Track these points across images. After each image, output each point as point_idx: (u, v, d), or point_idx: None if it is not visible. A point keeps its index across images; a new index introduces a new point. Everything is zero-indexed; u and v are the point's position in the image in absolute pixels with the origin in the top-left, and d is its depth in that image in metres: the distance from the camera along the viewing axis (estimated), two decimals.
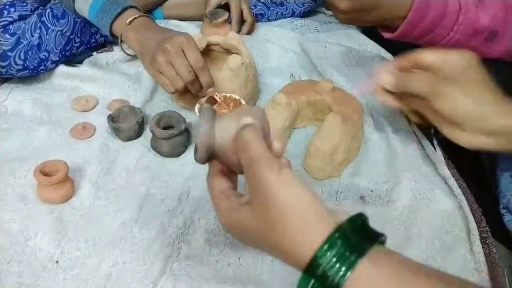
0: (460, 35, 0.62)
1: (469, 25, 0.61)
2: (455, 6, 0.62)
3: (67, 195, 0.60)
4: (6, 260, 0.53)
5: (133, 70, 0.88)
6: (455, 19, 0.61)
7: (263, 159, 0.37)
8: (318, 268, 0.33)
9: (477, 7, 0.61)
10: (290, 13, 1.04)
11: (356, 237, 0.34)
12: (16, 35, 0.76)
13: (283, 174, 0.36)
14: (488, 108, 0.52)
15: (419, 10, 0.62)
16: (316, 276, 0.33)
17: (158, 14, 1.00)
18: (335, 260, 0.33)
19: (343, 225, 0.35)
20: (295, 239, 0.35)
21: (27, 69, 0.79)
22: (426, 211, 0.60)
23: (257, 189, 0.37)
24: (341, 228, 0.34)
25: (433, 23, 0.62)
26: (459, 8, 0.62)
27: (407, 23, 0.63)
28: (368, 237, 0.35)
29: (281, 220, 0.35)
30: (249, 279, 0.52)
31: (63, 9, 0.81)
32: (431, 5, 0.61)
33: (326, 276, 0.33)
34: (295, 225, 0.35)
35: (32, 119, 0.74)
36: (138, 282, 0.51)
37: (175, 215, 0.59)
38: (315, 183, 0.65)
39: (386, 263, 0.33)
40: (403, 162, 0.66)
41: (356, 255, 0.33)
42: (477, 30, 0.62)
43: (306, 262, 0.34)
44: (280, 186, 0.36)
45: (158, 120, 0.68)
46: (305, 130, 0.74)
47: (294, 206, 0.35)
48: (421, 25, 0.62)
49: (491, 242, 0.57)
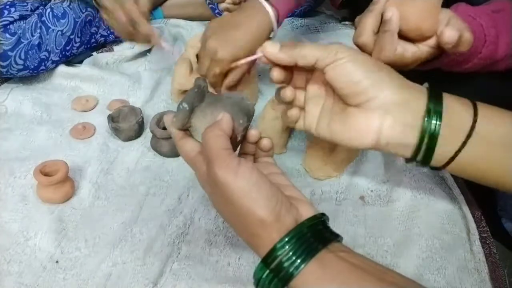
0: (477, 66, 0.57)
1: (489, 57, 0.56)
2: (480, 39, 0.55)
3: (67, 195, 0.60)
4: (6, 260, 0.53)
5: (133, 70, 0.88)
6: (478, 53, 0.56)
7: (220, 158, 0.38)
8: (275, 260, 0.36)
9: (498, 37, 0.55)
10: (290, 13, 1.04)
11: (314, 236, 0.37)
12: (16, 34, 0.77)
13: (239, 176, 0.37)
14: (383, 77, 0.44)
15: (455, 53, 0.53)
16: (271, 268, 0.36)
17: (158, 13, 1.00)
18: (292, 254, 0.35)
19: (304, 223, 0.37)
20: (253, 236, 0.38)
21: (28, 69, 0.79)
22: (426, 211, 0.60)
23: (217, 186, 0.38)
24: (297, 228, 0.37)
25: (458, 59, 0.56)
26: (484, 41, 0.55)
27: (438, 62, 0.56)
28: (325, 236, 0.37)
29: (242, 218, 0.38)
30: (249, 279, 0.52)
31: (63, 9, 0.81)
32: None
33: (282, 267, 0.36)
34: (253, 225, 0.37)
35: (32, 119, 0.74)
36: (138, 282, 0.51)
37: (175, 215, 0.59)
38: (315, 183, 0.65)
39: (333, 263, 0.36)
40: (403, 162, 0.66)
41: (310, 251, 0.35)
42: (494, 59, 0.57)
43: (263, 255, 0.37)
44: (237, 187, 0.37)
45: (158, 120, 0.68)
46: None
47: (250, 208, 0.37)
48: (451, 62, 0.56)
49: (491, 242, 0.57)
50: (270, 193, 0.38)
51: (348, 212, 0.60)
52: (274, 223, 0.37)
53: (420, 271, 0.53)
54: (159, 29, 0.95)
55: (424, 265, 0.54)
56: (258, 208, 0.37)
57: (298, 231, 0.37)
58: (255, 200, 0.37)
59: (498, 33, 0.56)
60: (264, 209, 0.37)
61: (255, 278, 0.37)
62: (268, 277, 0.36)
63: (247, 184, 0.37)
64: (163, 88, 0.83)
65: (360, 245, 0.56)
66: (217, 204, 0.41)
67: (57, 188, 0.59)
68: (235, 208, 0.38)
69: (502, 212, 0.65)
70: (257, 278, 0.37)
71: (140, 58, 0.91)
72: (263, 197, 0.37)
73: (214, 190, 0.40)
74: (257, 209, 0.37)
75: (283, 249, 0.36)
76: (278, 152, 0.70)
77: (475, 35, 0.52)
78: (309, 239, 0.36)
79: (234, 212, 0.38)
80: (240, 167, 0.38)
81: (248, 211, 0.37)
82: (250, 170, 0.38)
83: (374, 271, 0.36)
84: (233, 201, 0.38)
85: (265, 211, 0.37)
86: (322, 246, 0.36)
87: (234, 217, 0.39)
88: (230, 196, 0.38)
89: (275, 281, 0.36)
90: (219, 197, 0.39)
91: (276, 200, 0.38)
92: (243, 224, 0.38)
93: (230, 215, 0.39)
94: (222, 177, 0.38)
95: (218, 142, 0.39)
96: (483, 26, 0.55)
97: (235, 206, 0.38)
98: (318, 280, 0.35)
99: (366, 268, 0.36)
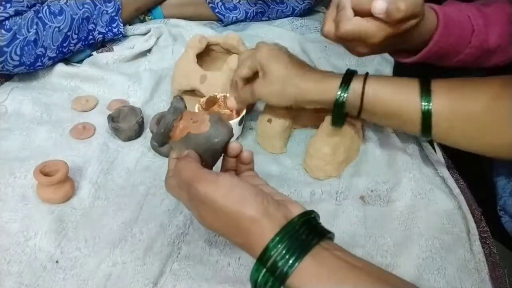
0: (469, 57, 0.59)
1: (479, 47, 0.58)
2: (468, 29, 0.58)
3: (67, 195, 0.60)
4: (6, 260, 0.53)
5: (133, 70, 0.88)
6: (467, 43, 0.58)
7: (198, 176, 0.40)
8: (269, 259, 0.36)
9: (487, 26, 0.58)
10: (290, 11, 1.04)
11: (305, 232, 0.37)
12: (12, 30, 0.76)
13: (219, 184, 0.39)
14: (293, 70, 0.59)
15: (441, 39, 0.57)
16: (267, 267, 0.36)
17: (158, 13, 1.00)
18: (285, 252, 0.36)
19: (294, 220, 0.38)
20: (246, 237, 0.38)
21: (24, 65, 0.79)
22: (426, 211, 0.60)
23: (201, 201, 0.39)
24: (288, 226, 0.37)
25: (448, 49, 0.59)
26: (472, 30, 0.58)
27: (426, 52, 0.58)
28: (316, 232, 0.38)
29: (232, 222, 0.38)
30: (249, 279, 0.52)
31: (60, 6, 0.81)
32: (450, 33, 0.57)
33: (276, 266, 0.36)
34: (245, 224, 0.38)
35: (32, 119, 0.74)
36: (138, 282, 0.51)
37: (175, 215, 0.59)
38: (315, 183, 0.65)
39: (329, 261, 0.36)
40: (403, 162, 0.66)
41: (303, 249, 0.36)
42: (485, 50, 0.59)
43: (258, 254, 0.37)
44: (221, 195, 0.38)
45: (158, 120, 0.68)
46: (305, 130, 0.74)
47: (238, 209, 0.38)
48: (438, 53, 0.59)
49: (491, 242, 0.57)
50: (254, 191, 0.39)
51: (348, 212, 0.60)
52: (263, 218, 0.37)
53: (420, 271, 0.53)
54: (159, 29, 0.95)
55: (424, 265, 0.54)
56: (245, 206, 0.37)
57: (290, 228, 0.37)
58: (241, 200, 0.38)
59: (487, 24, 0.58)
60: (251, 206, 0.37)
61: (251, 280, 0.38)
62: (264, 278, 0.36)
63: (228, 188, 0.38)
64: (163, 88, 0.83)
65: (360, 245, 0.56)
66: (207, 222, 0.41)
67: (57, 188, 0.59)
68: (223, 215, 0.38)
69: (502, 212, 0.65)
70: (253, 280, 0.37)
71: (140, 58, 0.91)
72: (248, 195, 0.38)
73: (200, 208, 0.40)
74: (244, 208, 0.37)
75: (276, 249, 0.36)
76: (278, 152, 0.70)
77: (462, 25, 0.57)
78: (301, 236, 0.37)
79: (224, 219, 0.39)
80: (219, 177, 0.39)
81: (236, 213, 0.38)
82: (230, 177, 0.40)
83: (371, 271, 0.36)
84: (220, 210, 0.38)
85: (253, 208, 0.37)
86: (315, 242, 0.36)
87: (225, 225, 0.39)
88: (216, 205, 0.38)
89: (271, 280, 0.36)
90: (207, 212, 0.40)
91: (261, 198, 0.38)
92: (234, 228, 0.38)
93: (221, 224, 0.40)
94: (203, 190, 0.39)
95: (191, 166, 0.41)
96: (470, 16, 0.58)
97: (223, 213, 0.38)
98: (314, 278, 0.35)
99: (362, 267, 0.36)
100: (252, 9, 1.02)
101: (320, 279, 0.35)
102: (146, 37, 0.93)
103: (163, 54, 0.91)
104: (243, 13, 1.02)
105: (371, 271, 0.36)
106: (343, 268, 0.35)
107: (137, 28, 0.95)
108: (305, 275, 0.35)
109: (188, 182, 0.40)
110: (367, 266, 0.36)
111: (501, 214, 0.66)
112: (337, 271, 0.35)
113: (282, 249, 0.36)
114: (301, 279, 0.35)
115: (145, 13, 1.00)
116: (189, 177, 0.40)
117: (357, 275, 0.35)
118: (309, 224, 0.38)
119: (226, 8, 1.01)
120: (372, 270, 0.36)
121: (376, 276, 0.35)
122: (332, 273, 0.35)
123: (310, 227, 0.38)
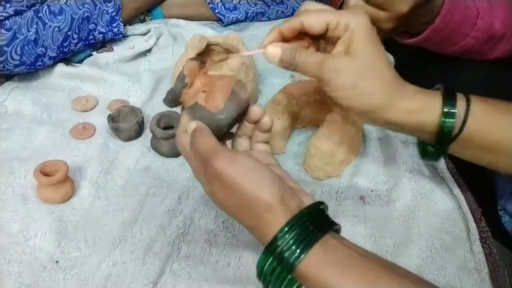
0: (475, 40, 0.59)
1: (485, 30, 0.58)
2: (473, 9, 0.58)
3: (67, 195, 0.60)
4: (6, 260, 0.53)
5: (133, 70, 0.88)
6: (473, 25, 0.58)
7: (215, 153, 0.38)
8: (277, 249, 0.36)
9: (492, 11, 0.58)
10: (290, 11, 1.04)
11: (313, 223, 0.37)
12: (12, 30, 0.76)
13: (238, 163, 0.37)
14: (385, 87, 0.44)
15: (447, 16, 0.56)
16: (274, 256, 0.36)
17: (158, 13, 1.00)
18: (292, 243, 0.35)
19: (303, 211, 0.37)
20: (257, 222, 0.37)
21: (24, 65, 0.79)
22: (426, 211, 0.60)
23: (217, 180, 0.38)
24: (297, 216, 0.37)
25: (454, 29, 0.58)
26: (477, 12, 0.58)
27: (432, 30, 0.57)
28: (324, 224, 0.38)
29: (246, 206, 0.37)
30: (249, 279, 0.52)
31: (60, 6, 0.81)
32: (456, 11, 0.57)
33: (283, 257, 0.35)
34: (259, 209, 0.37)
35: (32, 119, 0.74)
36: (138, 282, 0.51)
37: (175, 215, 0.59)
38: (315, 183, 0.65)
39: (337, 248, 0.36)
40: (403, 162, 0.66)
41: (310, 240, 0.35)
42: (491, 35, 0.59)
43: (267, 242, 0.37)
44: (240, 175, 0.37)
45: (158, 120, 0.68)
46: (305, 130, 0.74)
47: (254, 191, 0.37)
48: (444, 31, 0.58)
49: (492, 242, 0.57)
50: (271, 177, 0.37)
51: (348, 212, 0.60)
52: (279, 206, 0.36)
53: (420, 271, 0.53)
54: (159, 29, 0.95)
55: (424, 265, 0.54)
56: (262, 191, 0.36)
57: (299, 218, 0.36)
58: (258, 183, 0.37)
59: (492, 9, 0.58)
60: (268, 191, 0.36)
61: (258, 268, 0.37)
62: (271, 266, 0.36)
63: (247, 169, 0.37)
64: (163, 88, 0.83)
65: (360, 245, 0.55)
66: (219, 199, 0.40)
67: (57, 188, 0.59)
68: (238, 195, 0.37)
69: (502, 212, 0.65)
70: (260, 267, 0.37)
71: (140, 58, 0.91)
72: (266, 180, 0.37)
73: (214, 185, 0.39)
74: (261, 192, 0.36)
75: (284, 238, 0.36)
76: (278, 152, 0.70)
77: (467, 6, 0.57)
78: (309, 227, 0.36)
79: (239, 201, 0.37)
80: (237, 155, 0.38)
81: (252, 196, 0.36)
82: (248, 157, 0.38)
83: (377, 259, 0.36)
84: (235, 190, 0.37)
85: (270, 193, 0.36)
86: (322, 233, 0.36)
87: (237, 205, 0.38)
88: (232, 184, 0.37)
89: (278, 269, 0.36)
90: (221, 191, 0.39)
91: (278, 184, 0.37)
92: (246, 209, 0.38)
93: (235, 206, 0.39)
94: (221, 168, 0.37)
95: (208, 141, 0.39)
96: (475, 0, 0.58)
97: (238, 193, 0.37)
98: (322, 264, 0.35)
99: (370, 256, 0.36)
100: (252, 10, 1.02)
101: (327, 264, 0.35)
102: (146, 37, 0.93)
103: (163, 54, 0.91)
104: (243, 13, 1.02)
105: (378, 260, 0.37)
106: (350, 256, 0.36)
107: (137, 28, 0.95)
108: (313, 261, 0.35)
109: (206, 157, 0.38)
110: (373, 255, 0.37)
111: (501, 214, 0.66)
112: (345, 258, 0.36)
113: (289, 239, 0.36)
114: (309, 265, 0.35)
115: (145, 13, 1.00)
116: (207, 151, 0.38)
117: (364, 262, 0.35)
118: (319, 215, 0.38)
119: (226, 8, 1.01)
120: (378, 259, 0.37)
121: (382, 264, 0.36)
122: (339, 260, 0.35)
123: (320, 218, 0.38)
